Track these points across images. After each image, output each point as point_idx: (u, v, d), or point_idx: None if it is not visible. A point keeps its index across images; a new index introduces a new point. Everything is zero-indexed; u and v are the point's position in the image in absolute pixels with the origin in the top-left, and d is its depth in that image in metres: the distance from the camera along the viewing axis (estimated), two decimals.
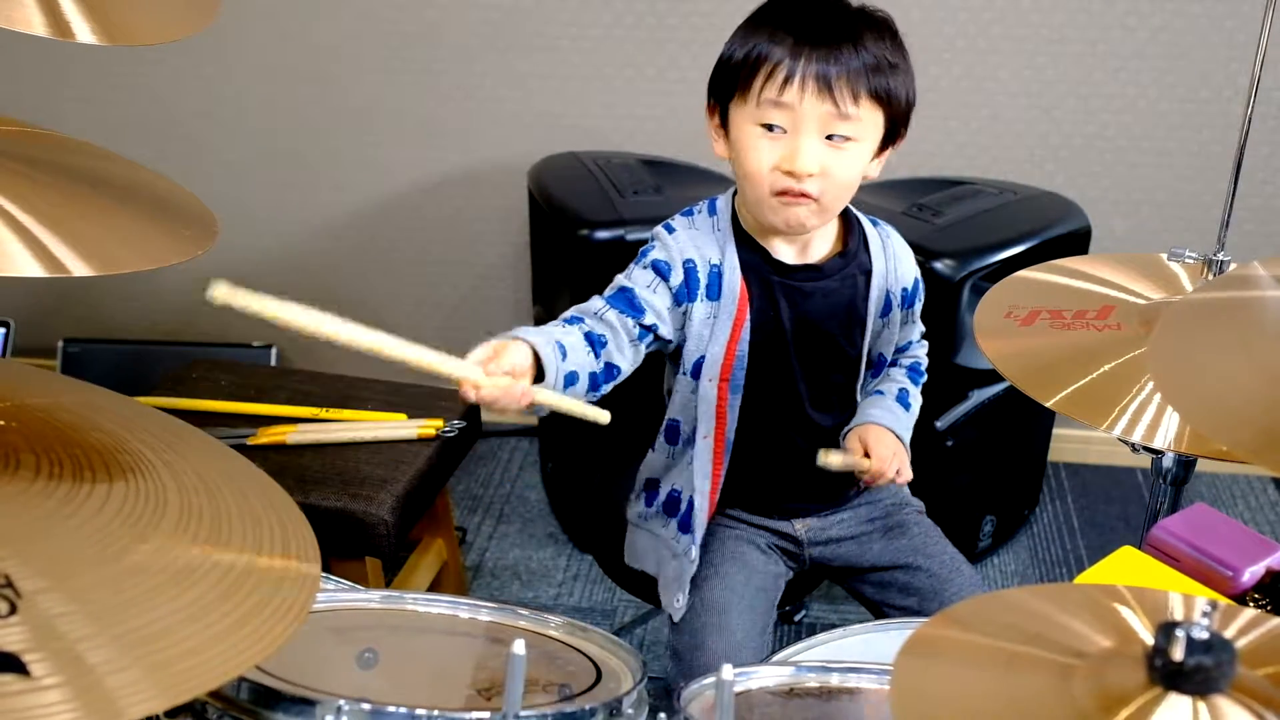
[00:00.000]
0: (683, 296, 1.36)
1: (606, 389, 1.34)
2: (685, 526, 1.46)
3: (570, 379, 1.27)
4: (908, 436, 1.47)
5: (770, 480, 1.48)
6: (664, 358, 1.46)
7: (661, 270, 1.36)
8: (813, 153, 1.27)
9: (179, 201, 1.05)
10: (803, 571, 1.55)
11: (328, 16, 2.47)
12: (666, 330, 1.37)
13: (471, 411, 1.92)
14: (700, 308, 1.37)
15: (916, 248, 1.97)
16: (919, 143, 2.41)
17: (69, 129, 1.08)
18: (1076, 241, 2.13)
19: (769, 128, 1.28)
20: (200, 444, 1.06)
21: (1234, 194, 1.41)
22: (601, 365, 1.31)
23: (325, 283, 2.71)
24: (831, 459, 1.39)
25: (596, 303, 1.35)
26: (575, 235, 2.05)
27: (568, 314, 1.34)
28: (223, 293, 0.95)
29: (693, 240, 1.37)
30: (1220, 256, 1.39)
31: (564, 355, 1.26)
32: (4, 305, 2.64)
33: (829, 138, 1.28)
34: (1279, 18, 1.32)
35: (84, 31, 0.89)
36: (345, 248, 2.67)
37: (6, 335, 2.59)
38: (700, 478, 1.44)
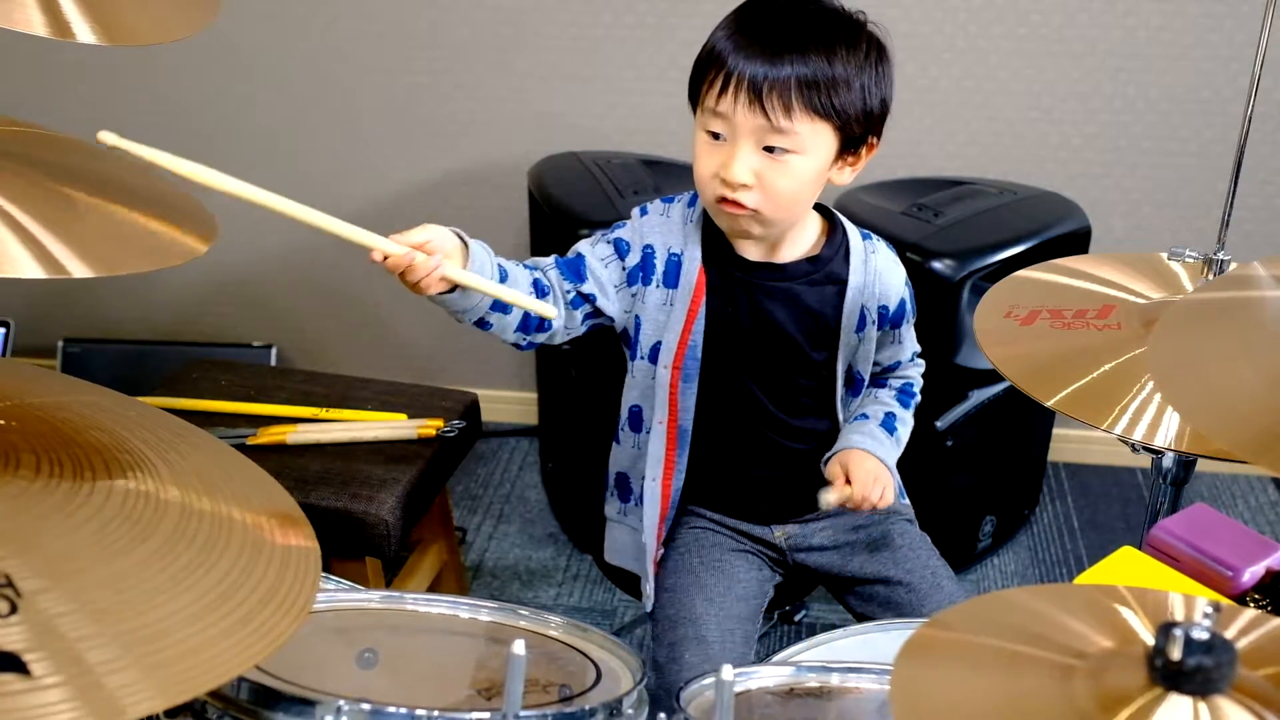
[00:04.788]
0: (635, 278, 1.39)
1: (539, 338, 1.36)
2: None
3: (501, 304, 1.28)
4: (892, 460, 1.45)
5: (741, 479, 1.48)
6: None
7: (620, 249, 1.39)
8: (745, 163, 1.27)
9: (179, 202, 1.05)
10: (794, 574, 1.55)
11: (328, 16, 2.47)
12: (607, 305, 1.38)
13: (471, 411, 1.92)
14: (655, 293, 1.39)
15: (916, 248, 1.99)
16: (919, 143, 2.42)
17: (69, 129, 1.08)
18: (1076, 241, 2.13)
19: (712, 135, 1.29)
20: (200, 444, 1.06)
21: (1234, 194, 1.41)
22: (524, 276, 1.33)
23: (325, 283, 2.71)
24: (828, 497, 1.39)
25: (546, 260, 1.38)
26: (575, 235, 2.04)
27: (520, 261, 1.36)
28: (110, 138, 0.95)
29: (660, 226, 1.40)
30: (1220, 256, 1.39)
31: (503, 276, 1.28)
32: (4, 305, 2.64)
33: (768, 149, 1.27)
34: (1279, 18, 1.32)
35: (84, 31, 0.89)
36: (345, 248, 2.66)
37: (6, 335, 2.59)
38: (653, 463, 1.44)
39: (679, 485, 1.45)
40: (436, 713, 0.91)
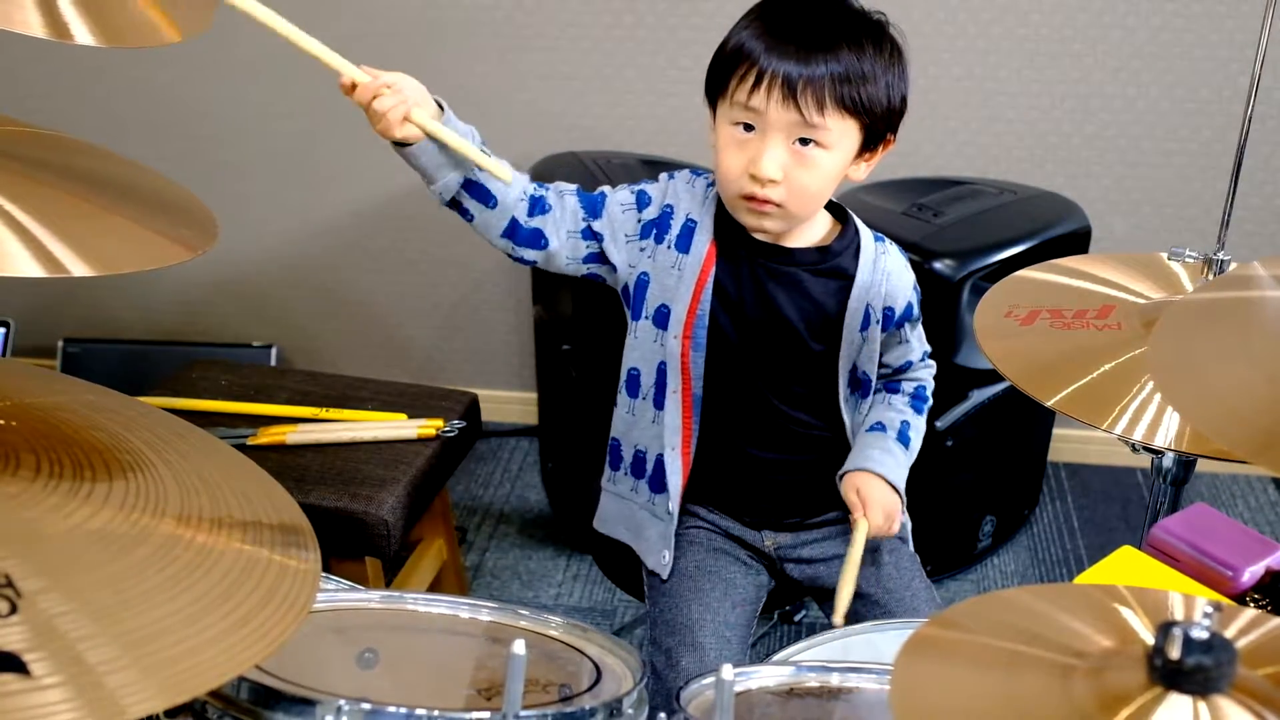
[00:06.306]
0: (649, 232, 1.40)
1: (529, 254, 1.38)
2: (657, 486, 1.47)
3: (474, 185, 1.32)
4: (904, 477, 1.45)
5: (743, 460, 1.47)
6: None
7: (642, 201, 1.41)
8: (775, 158, 1.29)
9: (179, 201, 1.05)
10: (784, 582, 1.54)
11: (328, 17, 2.47)
12: (614, 252, 1.40)
13: (471, 411, 1.93)
14: (666, 254, 1.40)
15: (916, 248, 1.99)
16: (919, 143, 2.42)
17: (69, 129, 1.08)
18: (1076, 241, 2.13)
19: (742, 127, 1.30)
20: (200, 443, 1.06)
21: (1234, 194, 1.41)
22: (530, 222, 1.36)
23: (325, 283, 2.71)
24: (840, 610, 1.33)
25: (567, 185, 1.40)
26: None
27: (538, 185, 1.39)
28: None
29: (685, 192, 1.42)
30: (1220, 256, 1.39)
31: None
32: (4, 305, 2.64)
33: (800, 142, 1.29)
34: (1279, 18, 1.32)
35: (82, 33, 0.89)
36: (345, 248, 2.68)
37: (6, 335, 2.59)
38: (670, 432, 1.44)
39: (693, 473, 1.46)
40: (436, 713, 0.91)
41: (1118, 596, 0.83)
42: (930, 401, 1.54)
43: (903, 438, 1.47)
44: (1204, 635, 0.70)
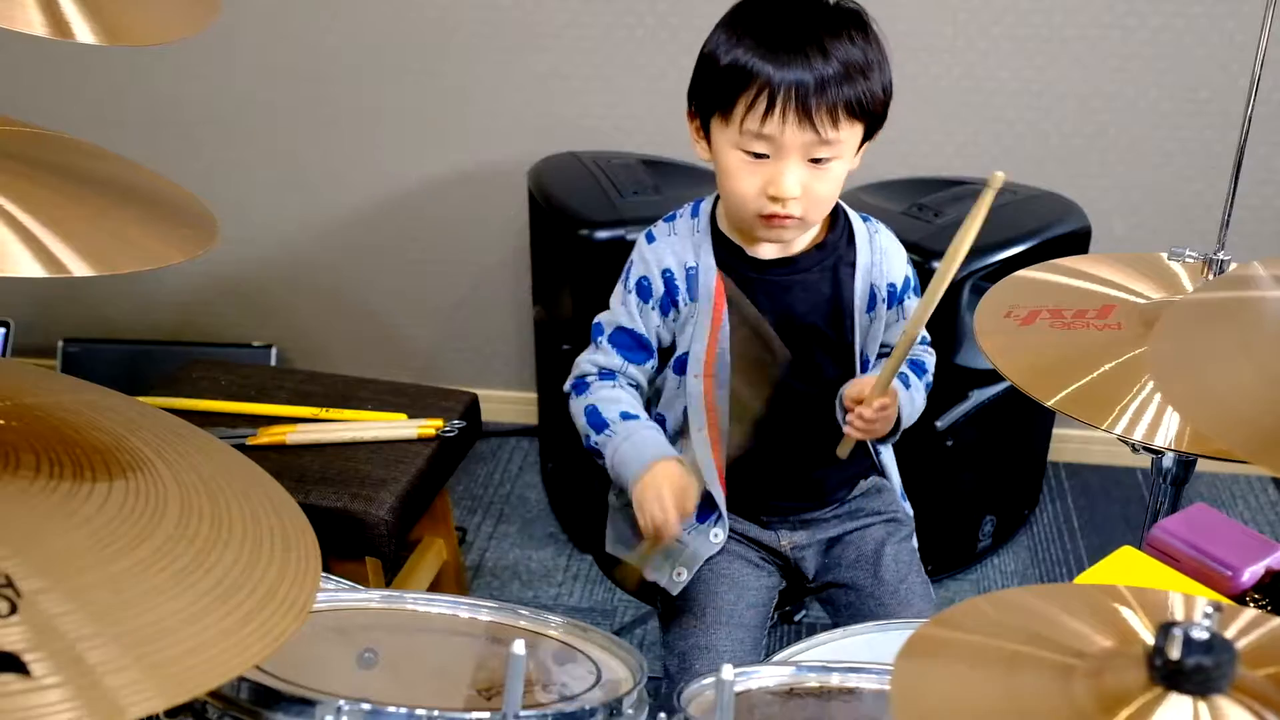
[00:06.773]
0: (667, 305, 1.42)
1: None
2: (701, 517, 1.47)
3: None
4: (905, 410, 1.44)
5: (765, 474, 1.48)
6: None
7: (644, 290, 1.42)
8: (795, 177, 1.30)
9: (179, 202, 1.05)
10: (794, 580, 1.55)
11: (328, 16, 2.47)
12: (667, 338, 1.45)
13: (471, 411, 1.93)
14: (686, 308, 1.42)
15: (916, 248, 1.98)
16: (919, 143, 2.42)
17: (69, 129, 1.08)
18: (1076, 241, 2.13)
19: (751, 154, 1.30)
20: (200, 443, 1.06)
21: (1234, 194, 1.40)
22: (642, 405, 1.45)
23: (325, 283, 2.71)
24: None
25: (615, 359, 1.43)
26: (575, 235, 2.05)
27: (598, 372, 1.45)
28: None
29: (670, 247, 1.42)
30: (1220, 256, 1.39)
31: (660, 425, 1.45)
32: (4, 305, 2.64)
33: (813, 160, 1.30)
34: (1279, 18, 1.32)
35: (84, 31, 0.89)
36: (345, 248, 2.67)
37: (6, 335, 2.59)
38: (708, 469, 1.45)
39: (727, 478, 1.47)
40: (436, 713, 0.91)
41: (1118, 596, 0.83)
42: (930, 377, 1.54)
43: (902, 379, 1.47)
44: (1204, 635, 0.70)
